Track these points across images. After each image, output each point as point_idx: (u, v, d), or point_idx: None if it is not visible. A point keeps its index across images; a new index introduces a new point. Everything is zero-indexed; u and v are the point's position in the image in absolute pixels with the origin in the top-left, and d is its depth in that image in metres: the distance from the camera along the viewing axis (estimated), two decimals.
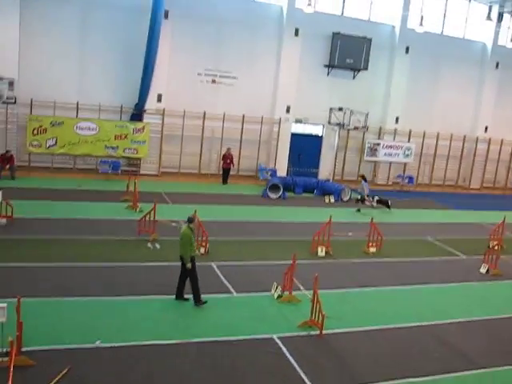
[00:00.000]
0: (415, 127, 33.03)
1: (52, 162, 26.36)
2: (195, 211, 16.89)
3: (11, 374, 8.02)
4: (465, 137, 34.70)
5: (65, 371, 9.59)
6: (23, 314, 9.77)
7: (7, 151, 24.53)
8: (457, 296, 15.90)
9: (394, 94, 32.14)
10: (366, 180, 26.36)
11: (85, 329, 11.37)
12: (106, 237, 17.58)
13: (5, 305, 9.32)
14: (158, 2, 25.53)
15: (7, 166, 24.29)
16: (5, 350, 9.26)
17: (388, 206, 26.05)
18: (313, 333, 12.27)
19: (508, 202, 32.30)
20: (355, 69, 30.78)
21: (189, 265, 12.95)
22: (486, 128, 35.12)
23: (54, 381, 9.27)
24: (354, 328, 12.84)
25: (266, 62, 29.33)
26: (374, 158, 32.09)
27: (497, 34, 34.14)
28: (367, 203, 25.87)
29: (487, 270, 18.09)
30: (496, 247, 19.44)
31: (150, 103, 27.15)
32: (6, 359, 8.83)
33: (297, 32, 29.19)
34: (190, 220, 13.33)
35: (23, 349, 9.93)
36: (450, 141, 34.22)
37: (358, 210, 25.17)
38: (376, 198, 26.36)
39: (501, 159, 36.13)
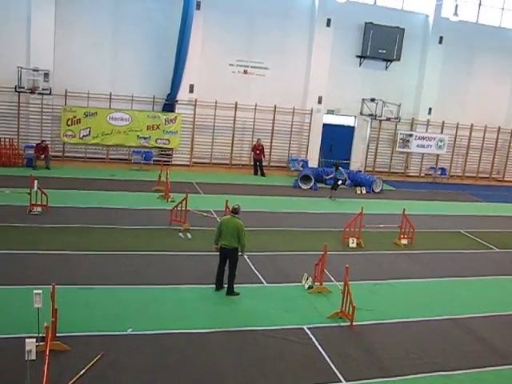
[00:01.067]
0: (448, 118, 32.63)
1: (85, 152, 26.75)
2: (227, 201, 17.02)
3: (47, 358, 8.19)
4: (499, 128, 34.15)
5: (98, 357, 9.78)
6: (58, 300, 9.99)
7: (42, 141, 24.93)
8: (490, 289, 15.73)
9: (427, 84, 31.76)
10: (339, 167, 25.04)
11: (117, 316, 11.56)
12: (139, 226, 17.79)
13: (40, 291, 9.51)
14: None
15: (42, 156, 24.70)
16: (41, 335, 9.46)
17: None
18: (343, 324, 12.28)
19: None
20: (387, 59, 30.50)
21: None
22: None
23: (89, 365, 9.47)
24: (385, 320, 12.80)
25: (297, 52, 29.23)
26: (406, 150, 31.82)
27: None
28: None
29: None
30: None
31: (182, 94, 27.30)
32: (42, 344, 9.02)
33: (329, 22, 29.02)
34: (236, 211, 13.24)
35: (58, 334, 10.15)
36: (484, 132, 33.72)
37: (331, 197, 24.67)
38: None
39: None
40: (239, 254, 13.22)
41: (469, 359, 11.40)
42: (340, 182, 24.76)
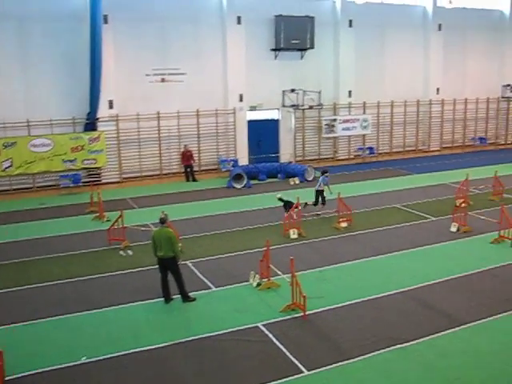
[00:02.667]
0: (369, 98, 33.25)
1: (11, 184, 25.86)
2: (162, 212, 16.83)
3: None
4: (418, 101, 35.07)
5: None
6: (3, 342, 9.63)
7: None
8: (432, 258, 16.16)
9: (344, 68, 32.25)
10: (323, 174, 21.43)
11: (69, 347, 11.25)
12: (78, 251, 17.36)
13: None
14: (95, 7, 25.10)
15: None
16: None
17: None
18: (296, 315, 12.37)
19: (469, 160, 32.86)
20: (302, 49, 30.79)
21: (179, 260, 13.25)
22: (438, 90, 35.53)
23: None
24: (336, 305, 12.97)
25: (212, 53, 29.15)
26: (332, 135, 32.24)
27: None
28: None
29: (457, 229, 18.40)
30: (463, 205, 19.79)
31: (102, 111, 26.77)
32: None
33: (239, 20, 29.05)
34: (163, 221, 13.36)
35: (7, 378, 9.78)
36: (405, 107, 34.56)
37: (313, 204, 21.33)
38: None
39: (456, 118, 36.65)
40: (177, 261, 13.25)
41: (422, 328, 11.70)
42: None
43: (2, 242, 18.63)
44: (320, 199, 21.00)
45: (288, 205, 19.31)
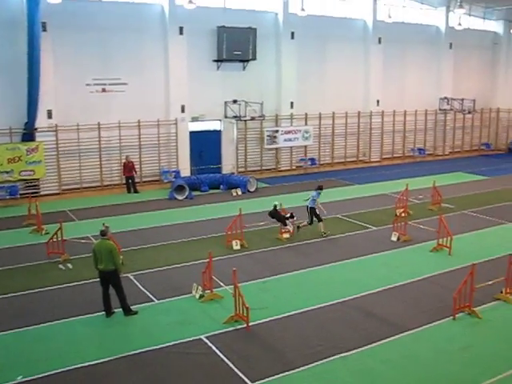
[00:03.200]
0: (310, 110, 33.58)
1: None
2: (103, 224, 16.53)
3: None
4: (359, 113, 35.66)
5: None
6: None
7: None
8: (373, 267, 16.41)
9: (286, 80, 32.52)
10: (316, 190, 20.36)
11: (3, 366, 10.85)
12: (14, 265, 16.79)
13: None
14: (33, 14, 24.48)
15: None
16: None
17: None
18: (239, 327, 12.33)
19: (408, 170, 33.57)
20: (244, 60, 30.88)
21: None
22: (378, 102, 36.23)
23: None
24: (279, 315, 13.01)
25: (154, 64, 28.90)
26: (274, 146, 32.38)
27: (375, 10, 35.23)
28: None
29: (398, 238, 18.75)
30: (403, 214, 20.15)
31: (41, 121, 26.13)
32: None
33: (181, 30, 28.92)
34: (104, 233, 13.11)
35: None
36: (346, 118, 35.06)
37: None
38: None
39: (396, 130, 37.43)
40: (118, 274, 13.05)
41: (364, 336, 11.85)
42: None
43: None
44: (310, 218, 19.71)
45: (277, 217, 19.19)
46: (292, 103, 32.90)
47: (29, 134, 26.01)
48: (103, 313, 13.09)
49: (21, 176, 25.76)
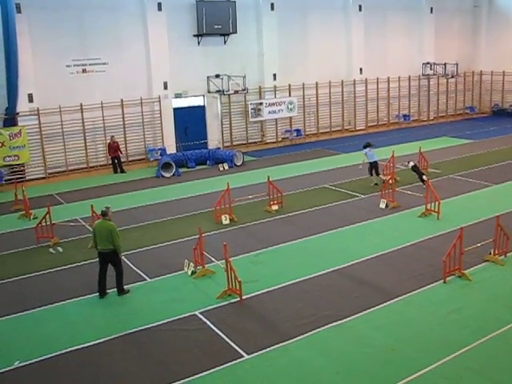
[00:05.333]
0: (294, 81, 33.45)
1: None
2: (91, 206, 16.53)
3: None
4: (342, 81, 35.53)
5: None
6: None
7: None
8: (363, 235, 16.52)
9: (267, 52, 32.28)
10: (367, 147, 22.25)
11: (1, 352, 10.88)
12: (4, 251, 16.72)
13: None
14: None
15: None
16: None
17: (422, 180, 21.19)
18: (233, 301, 12.40)
19: (394, 137, 33.58)
20: (225, 34, 30.58)
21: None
22: (361, 70, 36.12)
23: None
24: (272, 287, 13.08)
25: (134, 41, 28.57)
26: (259, 118, 32.29)
27: None
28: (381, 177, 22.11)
29: (386, 205, 18.84)
30: (390, 181, 20.23)
31: (22, 105, 25.84)
32: None
33: (160, 6, 28.57)
34: (105, 213, 13.06)
35: None
36: (329, 88, 34.94)
37: (376, 184, 21.93)
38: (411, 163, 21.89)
39: (380, 97, 37.37)
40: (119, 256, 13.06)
41: (357, 304, 11.97)
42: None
43: None
44: (374, 171, 22.08)
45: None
46: (275, 75, 32.72)
47: (10, 119, 25.74)
48: (96, 294, 13.10)
49: (5, 162, 25.55)
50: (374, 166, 22.07)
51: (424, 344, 10.38)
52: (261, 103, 31.98)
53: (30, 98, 26.01)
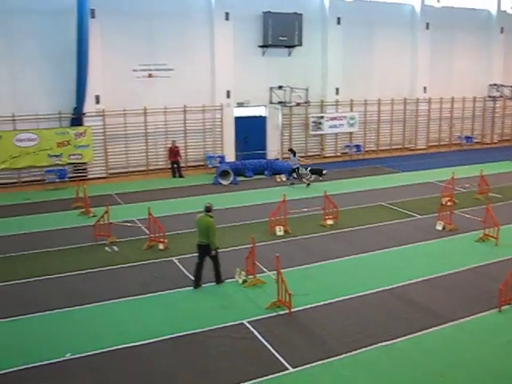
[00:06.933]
0: (356, 96, 33.34)
1: None
2: (149, 208, 16.79)
3: None
4: (405, 99, 35.20)
5: None
6: None
7: None
8: (417, 256, 16.24)
9: (331, 66, 32.31)
10: (294, 154, 26.76)
11: (53, 343, 11.20)
12: (63, 246, 17.25)
13: None
14: (82, 2, 24.94)
15: None
16: None
17: (321, 175, 26.89)
18: (282, 312, 12.37)
19: (454, 158, 33.03)
20: (290, 46, 30.77)
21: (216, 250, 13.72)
22: (425, 88, 35.70)
23: None
24: (322, 302, 12.99)
25: (200, 49, 29.07)
26: (319, 132, 32.28)
27: None
28: (304, 180, 26.10)
29: (443, 227, 18.49)
30: (448, 203, 19.89)
31: (89, 106, 26.64)
32: None
33: (227, 16, 29.00)
34: (208, 209, 13.77)
35: None
36: (392, 105, 34.67)
37: (292, 184, 26.01)
38: (308, 168, 27.08)
39: (442, 117, 36.84)
40: (213, 250, 13.66)
41: (406, 325, 11.76)
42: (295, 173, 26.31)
43: None
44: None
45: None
46: (338, 89, 32.69)
47: (77, 119, 26.58)
48: (145, 296, 13.33)
49: (70, 160, 26.39)
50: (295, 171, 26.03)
51: (475, 373, 10.09)
52: (322, 117, 31.98)
53: (97, 100, 26.77)
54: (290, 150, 27.46)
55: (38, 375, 9.97)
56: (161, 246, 16.67)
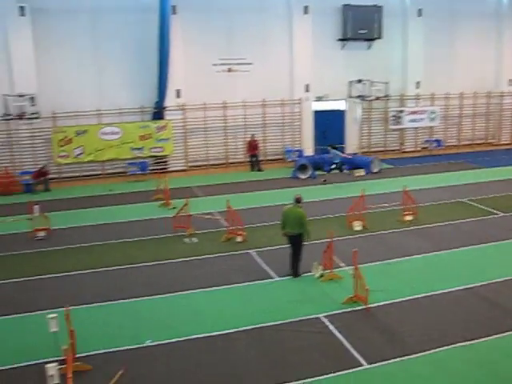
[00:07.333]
0: (437, 89, 32.51)
1: (81, 171, 26.71)
2: (228, 201, 17.05)
3: (70, 381, 8.25)
4: (489, 93, 34.09)
5: (120, 372, 9.81)
6: (73, 321, 10.01)
7: (43, 166, 25.07)
8: (499, 255, 15.74)
9: (412, 59, 31.66)
10: (334, 148, 26.91)
11: (134, 329, 11.60)
12: (143, 237, 17.80)
13: (55, 315, 9.54)
14: None
15: (42, 179, 24.78)
16: (60, 358, 9.49)
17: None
18: (358, 308, 12.31)
19: None
20: (369, 39, 30.37)
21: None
22: (511, 81, 34.42)
23: (112, 382, 9.50)
24: (400, 298, 12.81)
25: (279, 43, 29.15)
26: (399, 126, 31.77)
27: None
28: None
29: None
30: None
31: (170, 100, 27.26)
32: (63, 366, 9.06)
33: (306, 9, 28.93)
34: (298, 200, 14.19)
35: (78, 355, 10.19)
36: (474, 99, 33.63)
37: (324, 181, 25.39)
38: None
39: None
40: (304, 240, 14.02)
41: (488, 327, 11.42)
42: (334, 166, 25.79)
43: (71, 226, 19.30)
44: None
45: None
46: (418, 83, 32.02)
47: (158, 113, 27.25)
48: (223, 287, 13.58)
49: (151, 153, 27.11)
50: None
51: None
52: (402, 111, 31.46)
53: (178, 94, 27.33)
54: (330, 145, 27.22)
55: (119, 359, 10.34)
56: (239, 239, 16.88)
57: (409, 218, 18.85)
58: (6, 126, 25.33)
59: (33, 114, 24.89)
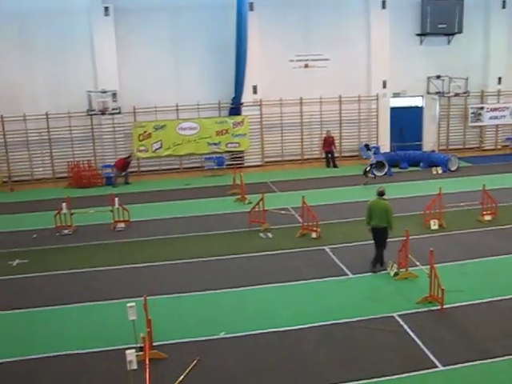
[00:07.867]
0: None
1: (159, 165, 27.42)
2: (303, 197, 17.09)
3: (148, 367, 8.56)
4: None
5: (195, 362, 10.07)
6: (150, 311, 10.35)
7: (129, 156, 26.09)
8: None
9: (494, 53, 30.70)
10: (369, 149, 26.04)
11: (209, 321, 11.86)
12: (219, 231, 18.13)
13: (134, 304, 9.90)
14: None
15: (123, 173, 25.61)
16: (138, 345, 9.85)
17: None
18: (433, 308, 12.12)
19: None
20: (449, 33, 29.67)
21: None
22: None
23: (187, 371, 9.78)
24: (477, 300, 12.50)
25: (356, 39, 28.92)
26: (479, 123, 30.94)
27: None
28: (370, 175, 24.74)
29: None
30: None
31: (247, 96, 27.56)
32: (140, 353, 9.43)
33: (384, 4, 28.56)
34: (382, 193, 14.29)
35: (155, 343, 10.53)
36: None
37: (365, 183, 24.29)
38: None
39: None
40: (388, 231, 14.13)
41: None
42: (368, 168, 24.82)
43: (150, 218, 19.89)
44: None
45: None
46: (500, 78, 31.02)
47: (235, 109, 27.59)
48: (297, 283, 13.66)
49: (227, 148, 27.50)
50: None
51: None
52: (482, 107, 30.63)
53: (255, 90, 27.59)
54: (366, 145, 26.70)
55: (193, 350, 10.61)
56: (313, 235, 16.93)
57: (488, 217, 18.37)
58: (89, 121, 26.31)
59: (114, 109, 25.80)
